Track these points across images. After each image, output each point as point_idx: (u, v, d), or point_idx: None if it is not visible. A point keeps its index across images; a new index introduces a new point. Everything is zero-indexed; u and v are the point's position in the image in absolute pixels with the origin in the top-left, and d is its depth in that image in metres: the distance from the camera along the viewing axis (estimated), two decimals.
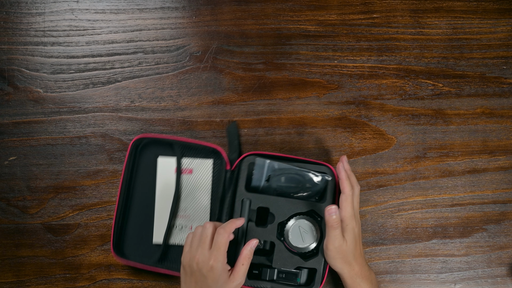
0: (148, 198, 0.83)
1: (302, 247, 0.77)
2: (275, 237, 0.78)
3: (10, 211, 0.85)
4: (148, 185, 0.83)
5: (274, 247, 0.78)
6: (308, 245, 0.77)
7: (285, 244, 0.78)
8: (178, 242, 0.82)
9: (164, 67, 0.87)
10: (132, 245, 0.82)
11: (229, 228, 0.71)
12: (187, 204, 0.83)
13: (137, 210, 0.83)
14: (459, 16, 0.88)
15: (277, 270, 0.78)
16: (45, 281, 0.84)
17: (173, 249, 0.82)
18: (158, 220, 0.82)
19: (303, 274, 0.79)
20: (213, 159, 0.83)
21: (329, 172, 0.80)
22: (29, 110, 0.86)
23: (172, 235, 0.82)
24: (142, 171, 0.83)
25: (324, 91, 0.87)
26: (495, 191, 0.86)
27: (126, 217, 0.82)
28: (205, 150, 0.82)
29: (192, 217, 0.82)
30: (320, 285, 0.78)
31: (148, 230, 0.82)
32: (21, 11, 0.88)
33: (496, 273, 0.85)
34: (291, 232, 0.77)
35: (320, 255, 0.77)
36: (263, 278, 0.78)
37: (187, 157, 0.83)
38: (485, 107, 0.87)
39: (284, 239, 0.78)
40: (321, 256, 0.77)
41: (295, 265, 0.78)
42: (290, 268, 0.78)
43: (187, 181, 0.83)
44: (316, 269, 0.77)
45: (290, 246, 0.77)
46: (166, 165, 0.83)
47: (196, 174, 0.83)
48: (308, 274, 0.79)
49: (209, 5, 0.88)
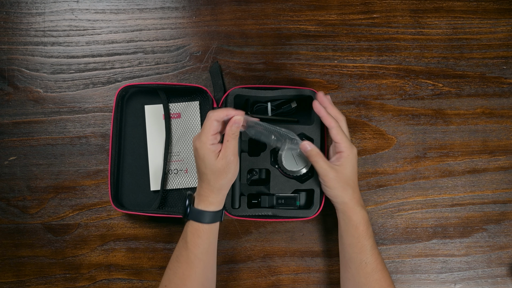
0: (140, 148, 0.84)
1: (297, 170, 0.79)
2: (269, 164, 0.81)
3: (10, 211, 0.85)
4: (138, 135, 0.84)
5: (269, 175, 0.81)
6: (302, 167, 0.79)
7: (280, 170, 0.80)
8: (175, 186, 0.83)
9: (164, 67, 0.87)
10: (130, 195, 0.84)
11: (220, 112, 0.71)
12: (179, 148, 0.84)
13: (130, 161, 0.84)
14: (459, 16, 0.88)
15: (276, 196, 0.81)
16: (45, 281, 0.84)
17: (171, 193, 0.84)
18: (153, 168, 0.84)
19: (302, 197, 0.82)
20: (199, 101, 0.84)
21: (314, 95, 0.80)
22: (29, 110, 0.86)
23: (168, 180, 0.83)
24: (130, 122, 0.84)
25: (324, 91, 0.87)
26: (495, 191, 0.86)
27: (121, 168, 0.84)
28: (191, 92, 0.84)
29: (186, 160, 0.84)
30: (320, 205, 0.80)
31: (144, 178, 0.84)
32: (21, 11, 0.88)
33: (496, 273, 0.85)
34: (284, 157, 0.79)
35: (316, 176, 0.79)
36: (262, 206, 0.81)
37: (174, 102, 0.84)
38: (485, 107, 0.87)
39: (278, 165, 0.80)
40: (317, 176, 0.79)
41: (292, 189, 0.80)
42: (287, 192, 0.80)
43: (177, 126, 0.84)
44: (313, 189, 0.80)
45: (285, 171, 0.79)
46: (153, 112, 0.84)
47: (184, 117, 0.84)
48: (306, 196, 0.82)
49: (209, 5, 0.88)
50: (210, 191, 0.72)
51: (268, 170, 0.81)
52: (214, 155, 0.71)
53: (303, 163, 0.79)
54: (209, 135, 0.70)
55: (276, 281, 0.85)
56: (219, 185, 0.72)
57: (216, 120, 0.70)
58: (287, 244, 0.85)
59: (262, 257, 0.85)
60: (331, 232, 0.85)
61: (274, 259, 0.85)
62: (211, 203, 0.73)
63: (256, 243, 0.85)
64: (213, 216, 0.73)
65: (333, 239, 0.85)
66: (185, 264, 0.73)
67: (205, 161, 0.71)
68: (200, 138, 0.71)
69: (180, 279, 0.73)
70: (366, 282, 0.73)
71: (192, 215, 0.73)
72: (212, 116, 0.71)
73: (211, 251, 0.75)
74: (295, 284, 0.85)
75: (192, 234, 0.73)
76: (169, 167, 0.83)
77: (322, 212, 0.82)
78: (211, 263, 0.75)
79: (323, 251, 0.85)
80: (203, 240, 0.73)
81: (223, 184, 0.72)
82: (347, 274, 0.75)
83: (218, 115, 0.71)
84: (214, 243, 0.75)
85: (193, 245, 0.73)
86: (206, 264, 0.74)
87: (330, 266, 0.85)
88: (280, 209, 0.80)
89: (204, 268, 0.73)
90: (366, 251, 0.73)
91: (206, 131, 0.70)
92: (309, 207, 0.80)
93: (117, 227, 0.85)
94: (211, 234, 0.74)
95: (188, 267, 0.73)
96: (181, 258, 0.73)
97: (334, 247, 0.85)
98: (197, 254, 0.72)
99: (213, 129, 0.71)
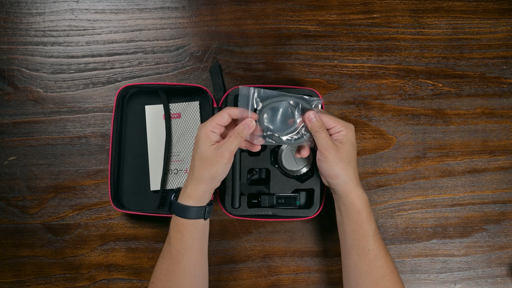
0: (141, 148, 0.84)
1: (297, 169, 0.79)
2: (269, 164, 0.81)
3: (10, 211, 0.85)
4: (138, 135, 0.84)
5: (269, 174, 0.81)
6: (302, 167, 0.79)
7: (280, 170, 0.80)
8: (175, 186, 0.83)
9: (164, 67, 0.87)
10: (130, 195, 0.84)
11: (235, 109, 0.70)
12: (179, 148, 0.84)
13: (131, 161, 0.84)
14: (459, 16, 0.88)
15: (276, 196, 0.81)
16: (45, 281, 0.84)
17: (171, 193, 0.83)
18: (153, 168, 0.84)
19: (302, 196, 0.82)
20: (199, 101, 0.84)
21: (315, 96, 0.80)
22: (29, 110, 0.86)
23: (168, 180, 0.83)
24: (130, 122, 0.85)
25: (324, 91, 0.87)
26: (495, 191, 0.86)
27: (121, 168, 0.84)
28: (191, 92, 0.84)
29: (186, 160, 0.84)
30: (320, 205, 0.80)
31: (144, 178, 0.84)
32: (21, 11, 0.88)
33: (496, 273, 0.85)
34: (284, 157, 0.79)
35: (316, 176, 0.79)
36: (263, 205, 0.81)
37: (174, 103, 0.84)
38: (485, 107, 0.87)
39: (278, 165, 0.80)
40: (317, 176, 0.79)
41: (292, 188, 0.80)
42: (287, 192, 0.80)
43: (177, 125, 0.84)
44: (313, 189, 0.80)
45: (285, 171, 0.80)
46: (154, 112, 0.84)
47: (184, 117, 0.84)
48: (306, 196, 0.82)
49: (209, 5, 0.88)
50: (190, 181, 0.70)
51: (268, 169, 0.81)
52: (209, 141, 0.69)
53: (303, 163, 0.79)
54: (214, 122, 0.69)
55: (276, 281, 0.85)
56: (200, 176, 0.69)
57: (228, 113, 0.70)
58: (287, 244, 0.85)
59: (262, 257, 0.85)
60: (331, 232, 0.85)
61: (274, 259, 0.85)
62: (189, 196, 0.70)
63: (256, 243, 0.85)
64: (194, 212, 0.70)
65: (333, 239, 0.85)
66: (168, 260, 0.71)
67: (198, 144, 0.69)
68: (205, 123, 0.70)
69: (165, 275, 0.72)
70: (368, 270, 0.71)
71: (173, 208, 0.71)
72: (227, 109, 0.70)
73: (196, 248, 0.72)
74: (295, 284, 0.85)
75: (173, 228, 0.71)
76: (169, 167, 0.83)
77: (322, 212, 0.82)
78: (197, 259, 0.72)
79: (323, 251, 0.85)
80: (184, 235, 0.70)
81: (204, 176, 0.69)
82: (348, 261, 0.73)
83: (233, 110, 0.70)
84: (200, 240, 0.72)
85: (174, 240, 0.71)
86: (191, 260, 0.71)
87: (330, 266, 0.85)
88: (280, 209, 0.80)
89: (189, 264, 0.71)
90: (369, 237, 0.71)
91: (214, 118, 0.70)
92: (309, 207, 0.80)
93: (117, 227, 0.85)
94: (194, 231, 0.71)
95: (171, 262, 0.71)
96: (165, 253, 0.72)
97: (334, 247, 0.85)
98: (179, 249, 0.70)
99: (221, 120, 0.69)
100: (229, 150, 0.69)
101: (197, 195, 0.70)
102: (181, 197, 0.71)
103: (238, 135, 0.69)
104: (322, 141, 0.70)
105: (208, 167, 0.69)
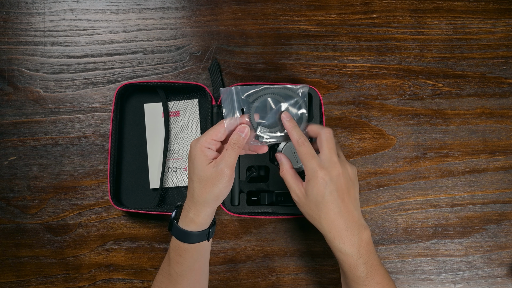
0: (140, 146, 0.84)
1: (296, 167, 0.78)
2: (268, 161, 0.81)
3: (10, 211, 0.85)
4: (137, 133, 0.85)
5: (268, 172, 0.81)
6: (301, 164, 0.79)
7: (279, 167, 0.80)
8: (174, 184, 0.83)
9: (164, 67, 0.87)
10: (129, 193, 0.84)
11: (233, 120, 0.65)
12: (178, 146, 0.84)
13: (130, 159, 0.84)
14: (459, 16, 0.88)
15: (275, 194, 0.81)
16: (45, 281, 0.84)
17: (170, 191, 0.84)
18: (152, 166, 0.84)
19: None
20: (198, 99, 0.84)
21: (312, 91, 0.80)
22: (29, 110, 0.86)
23: (167, 178, 0.84)
24: (130, 120, 0.85)
25: (324, 91, 0.87)
26: (495, 191, 0.86)
27: (120, 167, 0.84)
28: (190, 90, 0.84)
29: (185, 158, 0.84)
30: None
31: (144, 177, 0.84)
32: (21, 11, 0.88)
33: (496, 273, 0.85)
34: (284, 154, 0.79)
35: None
36: (262, 203, 0.81)
37: (173, 101, 0.84)
38: (485, 107, 0.87)
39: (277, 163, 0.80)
40: None
41: None
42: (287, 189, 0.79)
43: (176, 123, 0.84)
44: None
45: None
46: (153, 110, 0.84)
47: (183, 115, 0.84)
48: None
49: (209, 5, 0.88)
50: (192, 205, 0.64)
51: (267, 167, 0.81)
52: (206, 159, 0.63)
53: None
54: (209, 138, 0.64)
55: (276, 281, 0.85)
56: (203, 199, 0.63)
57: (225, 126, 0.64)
58: (287, 244, 0.85)
59: (262, 257, 0.85)
60: None
61: (274, 259, 0.85)
62: (192, 221, 0.64)
63: (256, 243, 0.85)
64: (196, 237, 0.65)
65: None
66: (167, 280, 0.68)
67: (195, 163, 0.63)
68: (199, 139, 0.64)
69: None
70: None
71: (174, 231, 0.66)
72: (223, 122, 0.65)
73: (196, 268, 0.68)
74: (295, 284, 0.85)
75: (174, 251, 0.66)
76: (168, 165, 0.84)
77: None
78: (197, 278, 0.69)
79: (323, 251, 0.85)
80: (185, 259, 0.66)
81: (207, 199, 0.63)
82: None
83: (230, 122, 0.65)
84: (201, 260, 0.68)
85: (174, 263, 0.66)
86: (191, 280, 0.68)
87: (330, 266, 0.85)
88: (280, 206, 0.80)
89: (188, 285, 0.68)
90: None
91: (208, 133, 0.64)
92: None
93: (117, 227, 0.85)
94: (196, 253, 0.66)
95: (170, 284, 0.67)
96: (164, 272, 0.69)
97: None
98: (179, 272, 0.66)
99: (217, 135, 0.64)
100: (229, 165, 0.63)
101: (200, 220, 0.65)
102: (182, 221, 0.66)
103: (234, 146, 0.63)
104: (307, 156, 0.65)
105: (210, 188, 0.63)
